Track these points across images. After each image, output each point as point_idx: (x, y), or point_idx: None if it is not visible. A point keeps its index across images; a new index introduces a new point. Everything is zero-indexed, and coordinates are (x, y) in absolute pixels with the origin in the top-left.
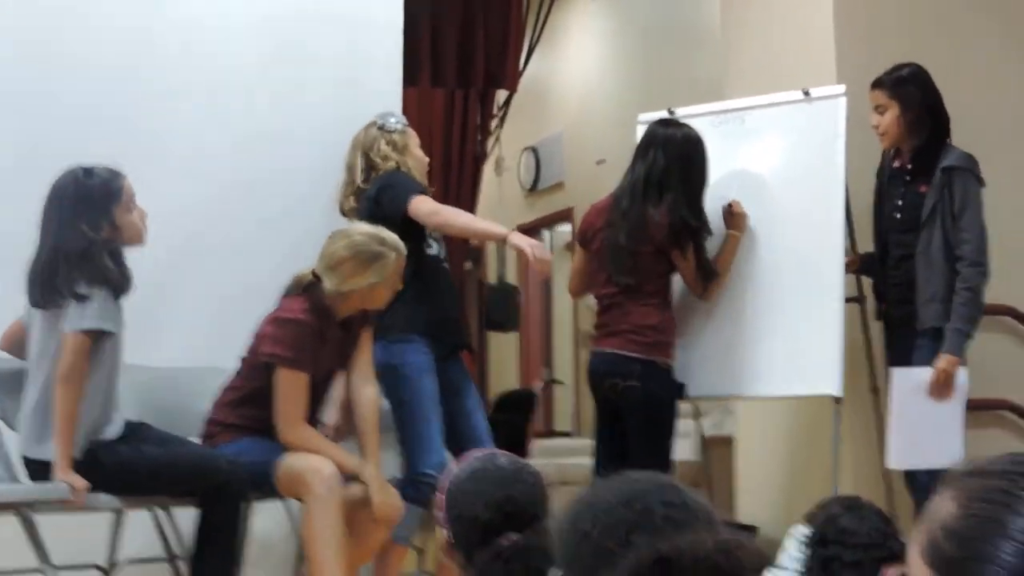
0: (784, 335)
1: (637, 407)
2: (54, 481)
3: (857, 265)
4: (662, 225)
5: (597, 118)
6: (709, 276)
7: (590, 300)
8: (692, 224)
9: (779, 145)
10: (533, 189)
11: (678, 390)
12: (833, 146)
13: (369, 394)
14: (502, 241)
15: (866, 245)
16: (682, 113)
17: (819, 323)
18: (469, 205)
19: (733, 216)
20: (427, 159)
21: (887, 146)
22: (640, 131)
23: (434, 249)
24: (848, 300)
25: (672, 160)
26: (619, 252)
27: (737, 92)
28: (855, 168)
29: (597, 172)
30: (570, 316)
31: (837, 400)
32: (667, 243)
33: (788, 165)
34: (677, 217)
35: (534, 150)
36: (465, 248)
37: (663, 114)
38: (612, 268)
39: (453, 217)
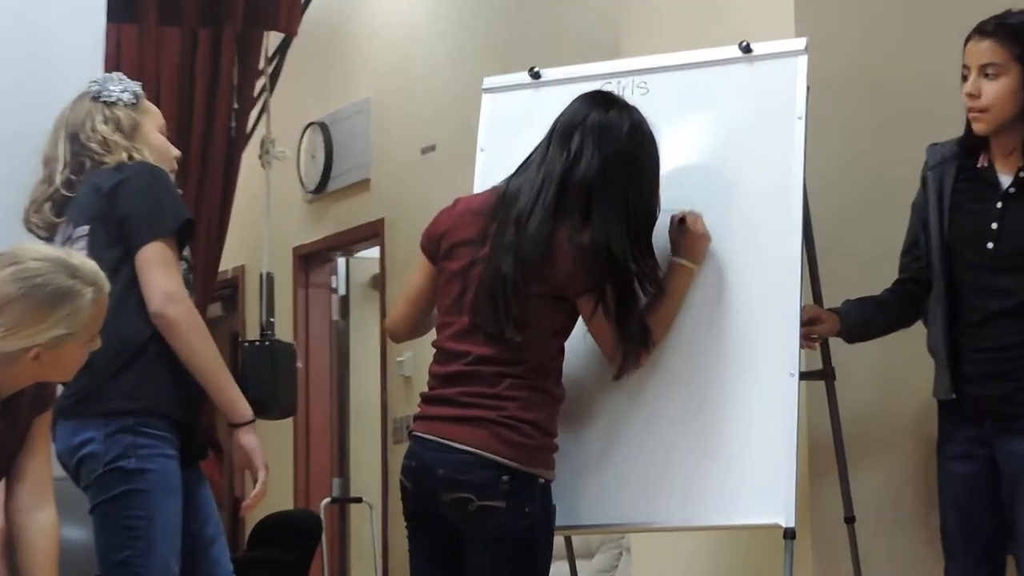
0: (711, 433)
1: (496, 542)
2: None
3: (830, 327)
4: (579, 257)
5: (424, 82)
6: (638, 341)
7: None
8: (631, 265)
9: (700, 126)
10: (320, 190)
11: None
12: (787, 129)
13: (44, 522)
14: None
15: (845, 289)
16: (552, 76)
17: (764, 414)
18: (216, 219)
19: (685, 237)
20: (175, 151)
21: (984, 130)
22: (493, 103)
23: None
24: (807, 376)
25: (611, 160)
26: (502, 288)
27: (637, 47)
28: (821, 167)
29: (424, 165)
30: (377, 394)
31: (789, 534)
32: (578, 284)
33: (714, 157)
34: (605, 250)
35: (323, 129)
36: (211, 281)
37: (523, 77)
38: (487, 313)
39: (192, 337)
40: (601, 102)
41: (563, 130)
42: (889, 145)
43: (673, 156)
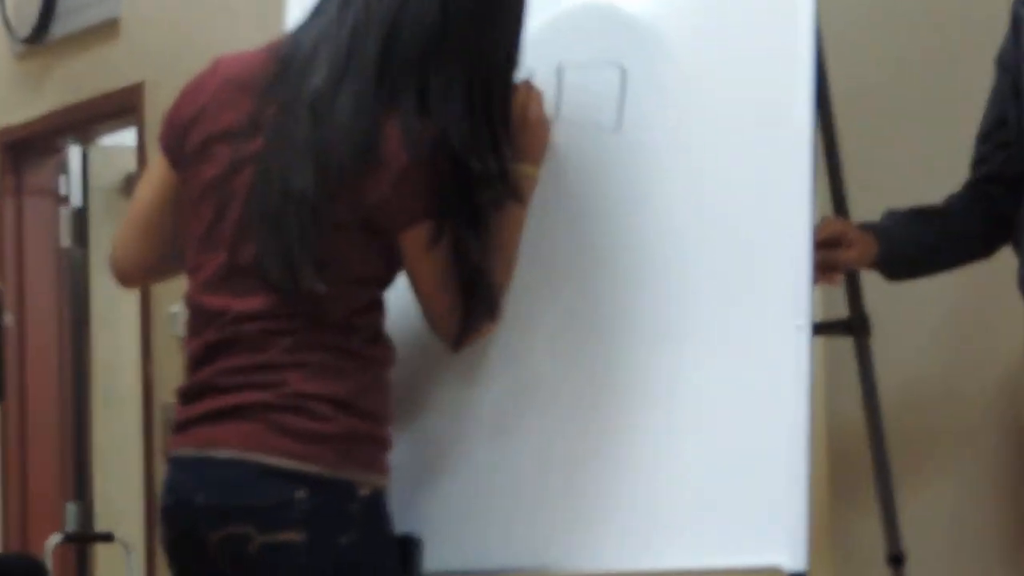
0: (664, 424)
1: None
2: None
3: (862, 253)
4: (416, 164)
5: None
6: (485, 294)
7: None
8: (480, 165)
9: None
10: (38, 39)
11: (404, 555)
12: (791, 20)
13: None
14: None
15: (884, 193)
16: None
17: (755, 391)
18: None
19: (526, 128)
20: None
21: None
22: None
23: None
24: (825, 329)
25: (458, 2)
26: (295, 212)
27: None
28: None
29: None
30: (136, 367)
31: None
32: (410, 207)
33: (696, 54)
34: (446, 147)
35: None
36: None
37: None
38: (267, 249)
39: None
40: None
41: None
42: None
43: (627, 44)
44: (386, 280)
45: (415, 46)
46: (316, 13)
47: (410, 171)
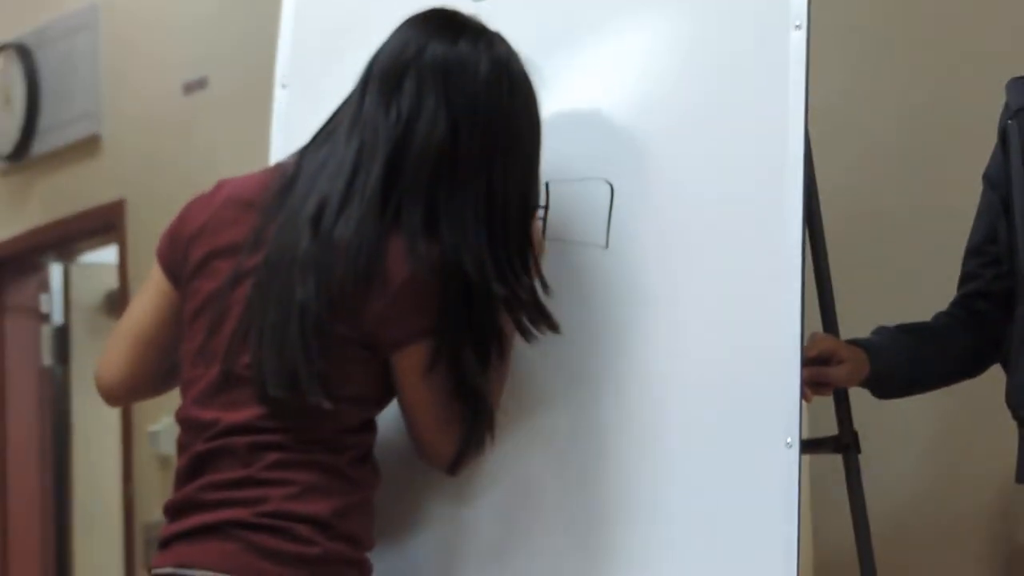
0: (646, 549)
1: None
2: None
3: (852, 371)
4: (422, 283)
5: None
6: (483, 419)
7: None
8: (496, 288)
9: (637, 45)
10: (19, 155)
11: None
12: (779, 47)
13: None
14: None
15: (872, 308)
16: None
17: (742, 510)
18: None
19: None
20: None
21: None
22: (301, 9)
23: None
24: (814, 447)
25: (464, 121)
26: (298, 325)
27: None
28: (834, 108)
29: (188, 111)
30: (117, 484)
31: None
32: (410, 326)
33: (663, 96)
34: (457, 270)
35: (22, 54)
36: None
37: None
38: (269, 362)
39: None
40: (445, 27)
41: (386, 72)
42: (940, 74)
43: (591, 93)
44: (382, 401)
45: (423, 169)
46: (325, 135)
47: (410, 285)
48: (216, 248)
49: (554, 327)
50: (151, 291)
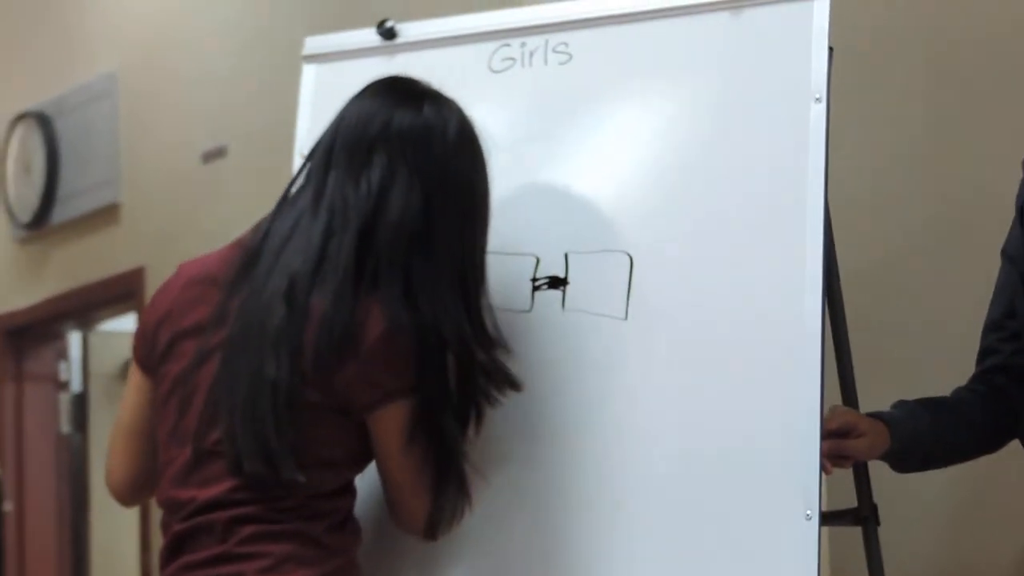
0: None
1: None
2: None
3: (872, 444)
4: (402, 347)
5: (201, 46)
6: (459, 489)
7: None
8: (477, 354)
9: (654, 116)
10: (39, 224)
11: None
12: (798, 119)
13: None
14: None
15: (892, 382)
16: (415, 33)
17: None
18: None
19: None
20: None
21: None
22: (320, 78)
23: None
24: (834, 519)
25: (436, 191)
26: (270, 400)
27: None
28: (853, 180)
29: (207, 179)
30: (135, 558)
31: None
32: (389, 385)
33: (677, 166)
34: (436, 336)
35: (42, 123)
36: None
37: (367, 36)
38: (241, 437)
39: None
40: (406, 96)
41: (353, 144)
42: (961, 144)
43: (610, 164)
44: (357, 465)
45: (397, 243)
46: (288, 208)
47: (383, 343)
48: (181, 330)
49: (516, 387)
50: (132, 390)
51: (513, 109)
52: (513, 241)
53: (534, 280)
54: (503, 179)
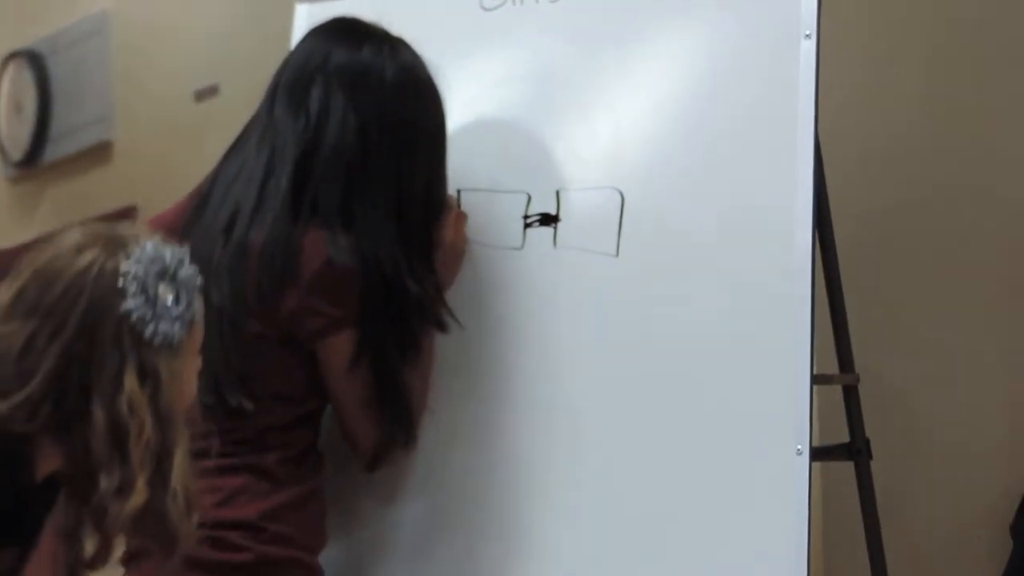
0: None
1: None
2: None
3: None
4: (341, 275)
5: None
6: (405, 422)
7: None
8: (411, 287)
9: (646, 55)
10: (31, 162)
11: None
12: (788, 56)
13: None
14: None
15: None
16: None
17: (750, 522)
18: None
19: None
20: None
21: None
22: (314, 17)
23: None
24: (825, 454)
25: (372, 125)
26: (216, 330)
27: None
28: (845, 121)
29: (200, 118)
30: None
31: None
32: (334, 313)
33: (669, 108)
34: (376, 266)
35: (34, 61)
36: None
37: None
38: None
39: None
40: (349, 35)
41: (293, 82)
42: (960, 80)
43: (601, 102)
44: (310, 398)
45: (334, 172)
46: (237, 148)
47: (326, 273)
48: None
49: (442, 328)
50: None
51: (505, 47)
52: (504, 179)
53: (526, 217)
54: (494, 117)
